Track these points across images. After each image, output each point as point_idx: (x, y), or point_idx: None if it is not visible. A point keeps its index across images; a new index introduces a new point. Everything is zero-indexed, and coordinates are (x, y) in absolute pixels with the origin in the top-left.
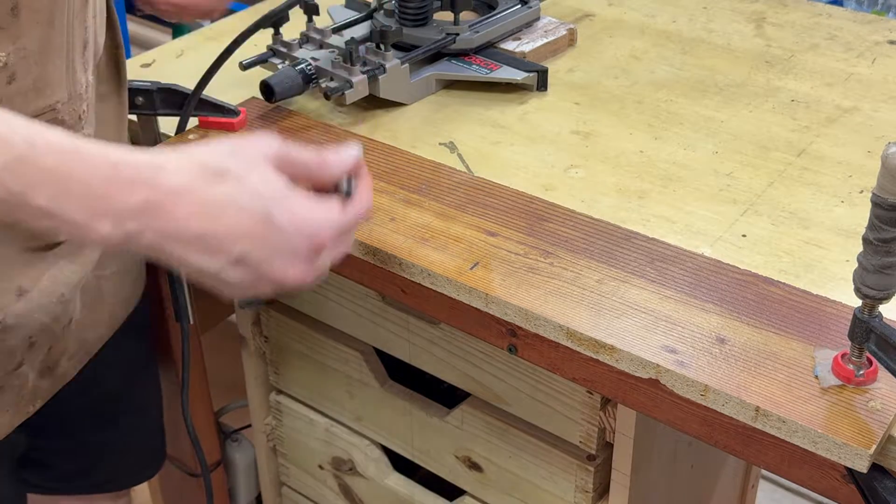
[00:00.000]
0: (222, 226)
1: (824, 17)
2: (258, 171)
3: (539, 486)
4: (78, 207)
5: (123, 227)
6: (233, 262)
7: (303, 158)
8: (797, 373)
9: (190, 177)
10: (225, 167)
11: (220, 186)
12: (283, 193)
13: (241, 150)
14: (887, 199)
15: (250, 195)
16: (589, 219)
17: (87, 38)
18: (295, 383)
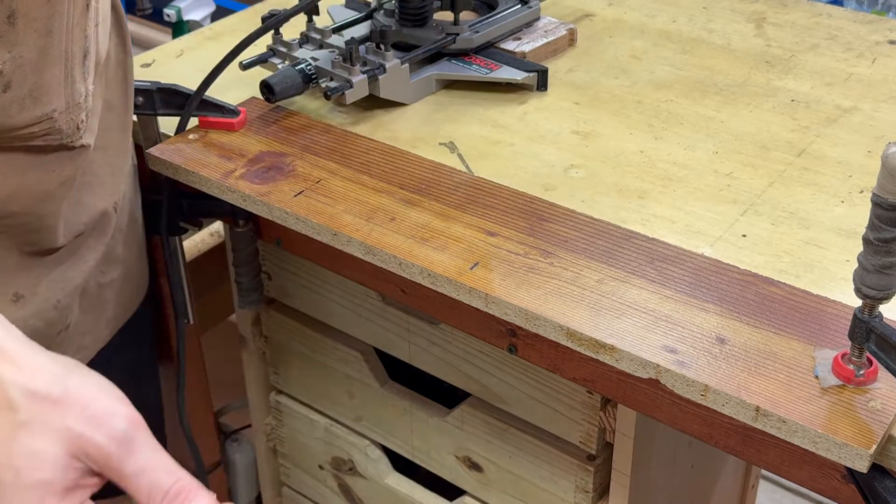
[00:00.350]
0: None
1: (824, 17)
2: (40, 439)
3: (539, 486)
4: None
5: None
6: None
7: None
8: (797, 373)
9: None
10: (17, 404)
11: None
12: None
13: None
14: (887, 199)
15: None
16: (589, 219)
17: (88, 46)
18: (295, 383)
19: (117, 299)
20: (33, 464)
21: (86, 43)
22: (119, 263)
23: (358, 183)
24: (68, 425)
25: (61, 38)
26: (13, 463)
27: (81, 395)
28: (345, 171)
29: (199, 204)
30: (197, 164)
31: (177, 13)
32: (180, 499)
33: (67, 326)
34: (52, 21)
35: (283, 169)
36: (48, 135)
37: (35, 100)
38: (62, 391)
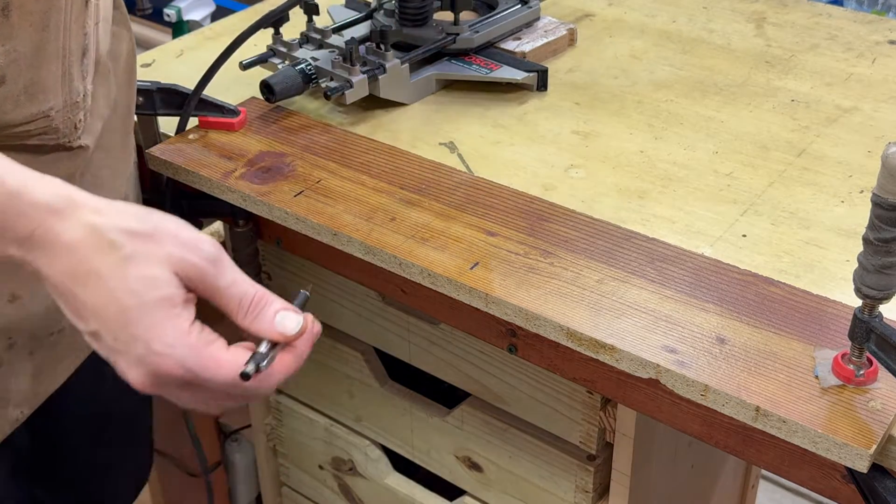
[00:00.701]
0: (84, 295)
1: (824, 17)
2: (149, 266)
3: (539, 486)
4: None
5: (6, 251)
6: (89, 333)
7: (226, 292)
8: (797, 373)
9: (77, 235)
10: (118, 243)
11: (101, 259)
12: (154, 303)
13: (148, 234)
14: (887, 199)
15: (121, 284)
16: (589, 219)
17: (87, 44)
18: (295, 383)
19: None
20: (151, 284)
21: (85, 41)
22: None
23: (358, 183)
24: (168, 251)
25: (58, 34)
26: (132, 288)
27: (168, 228)
28: (345, 171)
29: (199, 204)
30: (197, 164)
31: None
32: (263, 302)
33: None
34: (48, 15)
35: (283, 169)
36: (44, 134)
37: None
38: (152, 226)
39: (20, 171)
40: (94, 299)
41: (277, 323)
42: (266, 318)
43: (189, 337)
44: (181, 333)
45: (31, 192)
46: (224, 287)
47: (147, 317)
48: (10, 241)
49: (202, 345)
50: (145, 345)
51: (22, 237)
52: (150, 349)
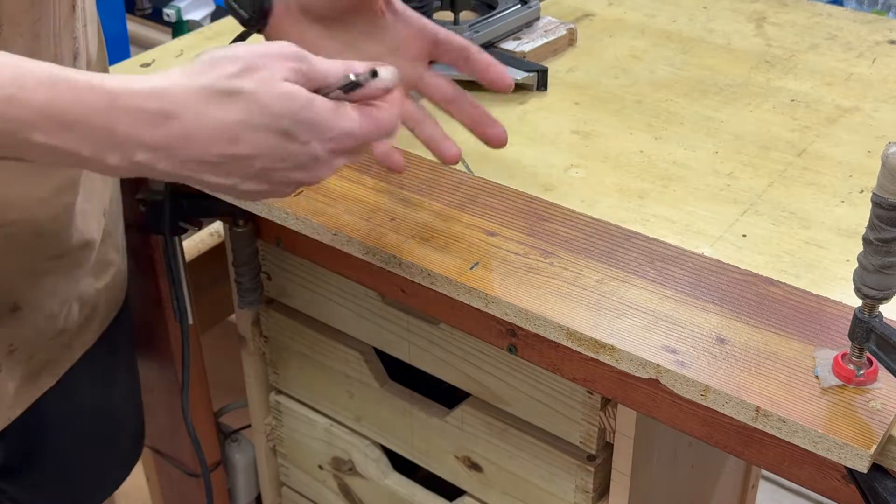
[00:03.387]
0: (239, 148)
1: (824, 17)
2: (271, 86)
3: (539, 486)
4: (81, 142)
5: (132, 158)
6: (250, 177)
7: (323, 70)
8: (797, 373)
9: (198, 104)
10: (235, 88)
11: (231, 108)
12: (299, 105)
13: (252, 65)
14: (887, 198)
15: (263, 114)
16: (589, 219)
17: (78, 48)
18: (295, 383)
19: (107, 303)
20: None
21: (75, 45)
22: (110, 267)
23: (358, 183)
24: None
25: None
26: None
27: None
28: (345, 170)
29: (199, 204)
30: None
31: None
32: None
33: (59, 333)
34: (38, 25)
35: None
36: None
37: None
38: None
39: (113, 77)
40: (252, 144)
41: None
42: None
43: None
44: (329, 111)
45: (134, 88)
46: (321, 77)
47: (307, 119)
48: (133, 146)
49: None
50: (318, 139)
51: (142, 135)
52: (322, 140)
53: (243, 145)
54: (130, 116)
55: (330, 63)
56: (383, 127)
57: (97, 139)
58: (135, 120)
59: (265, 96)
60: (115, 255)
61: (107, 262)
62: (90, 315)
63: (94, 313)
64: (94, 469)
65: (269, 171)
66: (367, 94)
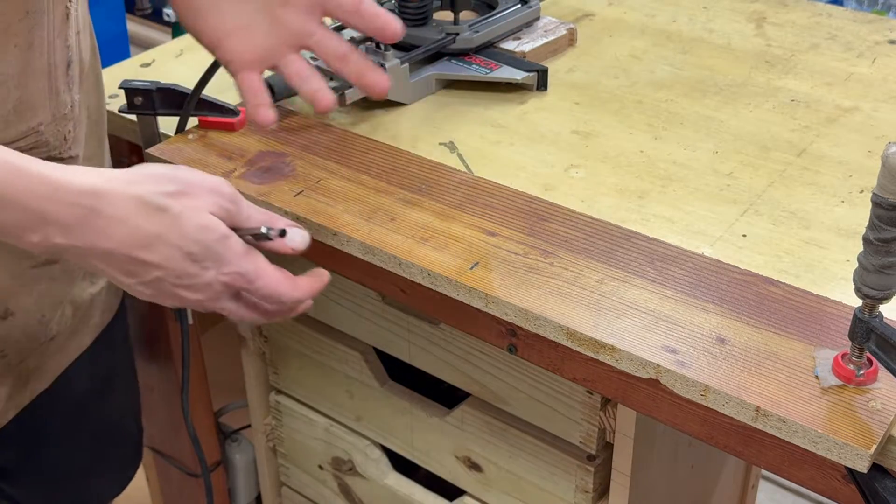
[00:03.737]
0: (148, 255)
1: (824, 17)
2: (195, 214)
3: (539, 486)
4: (12, 220)
5: (51, 241)
6: (146, 282)
7: (246, 214)
8: (797, 373)
9: (126, 210)
10: (163, 205)
11: (154, 221)
12: (213, 238)
13: (185, 191)
14: (887, 198)
15: (179, 235)
16: (589, 219)
17: (71, 56)
18: (295, 383)
19: (101, 307)
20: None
21: (68, 53)
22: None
23: (358, 183)
24: (205, 201)
25: (43, 51)
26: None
27: (195, 180)
28: (344, 170)
29: None
30: (197, 164)
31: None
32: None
33: (52, 338)
34: (32, 34)
35: (283, 169)
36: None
37: (20, 115)
38: (184, 183)
39: (57, 167)
40: (160, 256)
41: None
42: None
43: (247, 255)
44: (238, 255)
45: (74, 183)
46: (244, 221)
47: (212, 253)
48: (57, 230)
49: (254, 257)
50: (216, 268)
51: (70, 224)
52: (220, 270)
53: (152, 254)
54: (64, 207)
55: (255, 210)
56: (281, 291)
57: (26, 221)
58: (67, 211)
59: (187, 221)
60: None
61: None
62: (84, 319)
63: (87, 318)
64: (94, 472)
65: (163, 282)
66: (272, 247)
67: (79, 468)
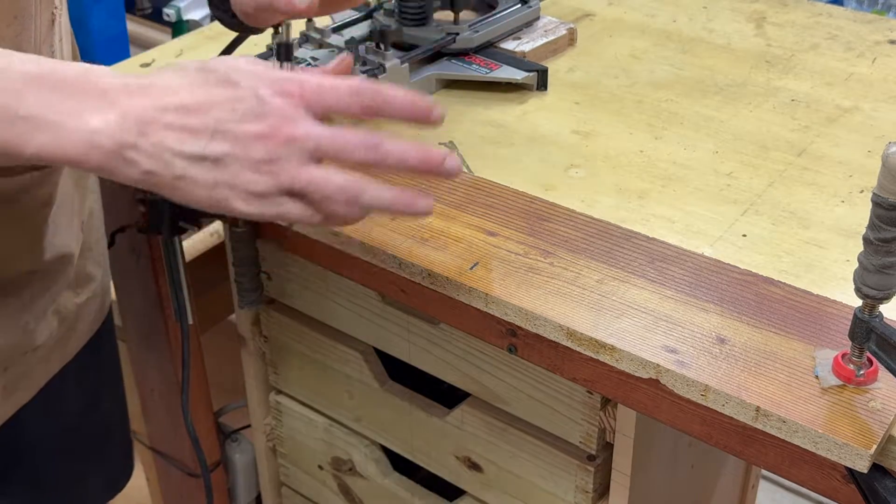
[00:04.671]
0: (192, 98)
1: (824, 17)
2: (217, 59)
3: (539, 486)
4: (64, 105)
5: (108, 118)
6: (211, 135)
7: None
8: (797, 373)
9: (155, 74)
10: (186, 63)
11: (183, 73)
12: (244, 63)
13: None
14: (888, 198)
15: (209, 71)
16: (589, 219)
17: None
18: (295, 383)
19: (87, 318)
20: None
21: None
22: (91, 282)
23: None
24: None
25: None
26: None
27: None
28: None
29: None
30: None
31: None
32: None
33: (36, 348)
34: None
35: None
36: None
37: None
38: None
39: (73, 64)
40: (198, 97)
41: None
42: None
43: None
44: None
45: (94, 71)
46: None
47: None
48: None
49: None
50: (261, 82)
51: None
52: (265, 83)
53: (200, 93)
54: (105, 77)
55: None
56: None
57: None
58: (108, 79)
59: (229, 62)
60: (95, 269)
61: (87, 277)
62: (70, 329)
63: (73, 328)
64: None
65: (223, 124)
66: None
67: (66, 478)
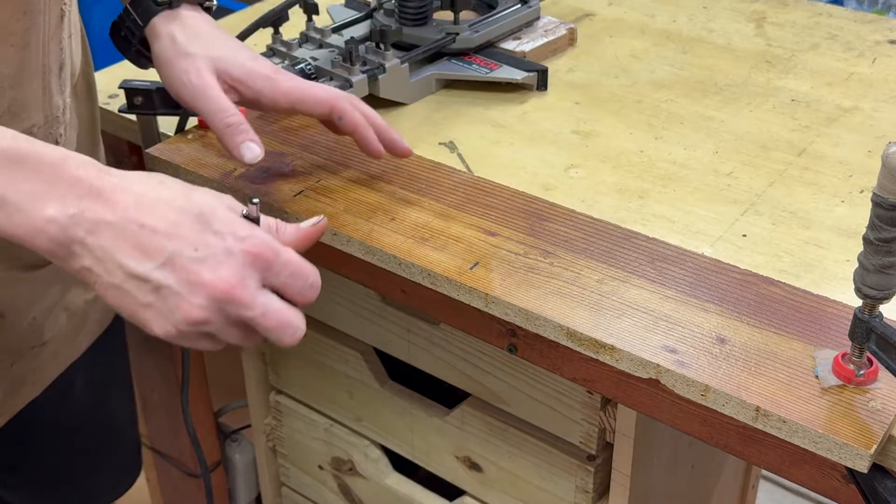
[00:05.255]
0: (159, 220)
1: (825, 17)
2: (201, 191)
3: (539, 486)
4: (27, 190)
5: (66, 211)
6: (162, 263)
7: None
8: (797, 373)
9: (134, 179)
10: (169, 180)
11: (161, 189)
12: (223, 209)
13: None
14: (888, 198)
15: (188, 200)
16: (589, 219)
17: (64, 59)
18: (295, 383)
19: (96, 314)
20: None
21: (61, 55)
22: None
23: (358, 183)
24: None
25: (38, 52)
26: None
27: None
28: (344, 170)
29: None
30: (197, 163)
31: None
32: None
33: (44, 343)
34: (28, 34)
35: (283, 168)
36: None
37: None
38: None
39: (56, 148)
40: (165, 221)
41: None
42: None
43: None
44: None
45: (75, 158)
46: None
47: (224, 216)
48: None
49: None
50: (232, 235)
51: (81, 193)
52: (237, 237)
53: (160, 218)
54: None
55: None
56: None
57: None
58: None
59: (192, 190)
60: None
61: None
62: (78, 326)
63: (82, 325)
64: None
65: (180, 258)
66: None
67: (74, 474)
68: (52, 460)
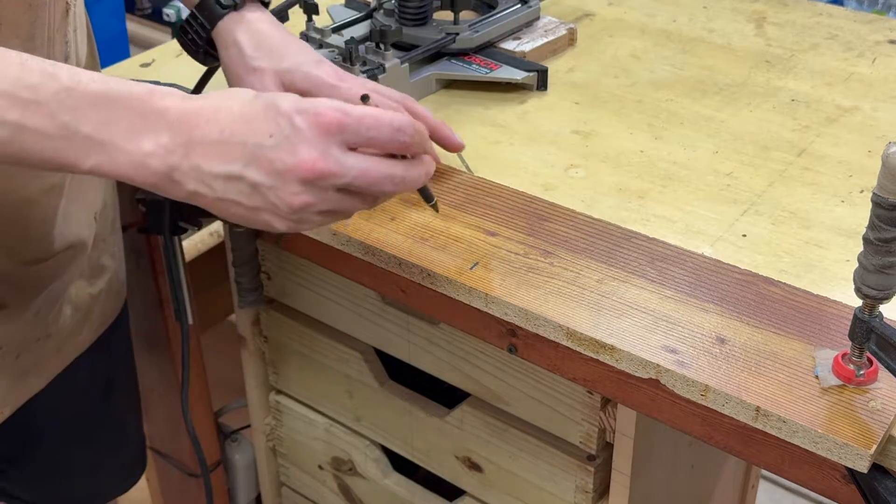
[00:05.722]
0: (234, 122)
1: (825, 17)
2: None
3: (539, 486)
4: (122, 129)
5: (160, 141)
6: (247, 160)
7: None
8: (797, 373)
9: (213, 96)
10: (243, 90)
11: (234, 95)
12: (288, 95)
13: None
14: (888, 198)
15: (256, 96)
16: (589, 219)
17: (69, 52)
18: (295, 383)
19: (101, 309)
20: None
21: (66, 49)
22: (104, 273)
23: None
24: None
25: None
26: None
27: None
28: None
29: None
30: None
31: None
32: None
33: (49, 335)
34: (34, 27)
35: None
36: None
37: None
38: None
39: (142, 83)
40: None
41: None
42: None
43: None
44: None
45: (160, 90)
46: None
47: (288, 97)
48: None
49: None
50: (296, 111)
51: (171, 122)
52: (300, 110)
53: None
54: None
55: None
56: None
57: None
58: (165, 106)
59: (268, 96)
60: (109, 260)
61: (100, 268)
62: (83, 320)
63: (87, 318)
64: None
65: (259, 150)
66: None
67: (79, 468)
68: (57, 454)
